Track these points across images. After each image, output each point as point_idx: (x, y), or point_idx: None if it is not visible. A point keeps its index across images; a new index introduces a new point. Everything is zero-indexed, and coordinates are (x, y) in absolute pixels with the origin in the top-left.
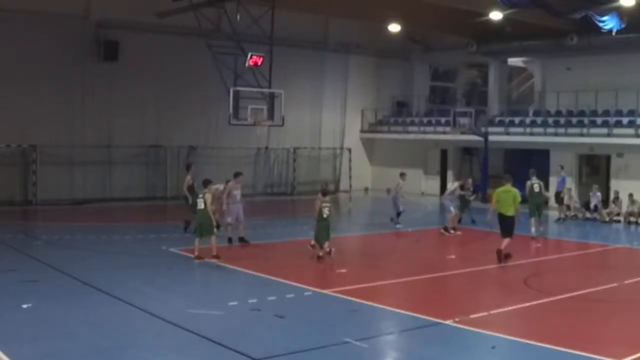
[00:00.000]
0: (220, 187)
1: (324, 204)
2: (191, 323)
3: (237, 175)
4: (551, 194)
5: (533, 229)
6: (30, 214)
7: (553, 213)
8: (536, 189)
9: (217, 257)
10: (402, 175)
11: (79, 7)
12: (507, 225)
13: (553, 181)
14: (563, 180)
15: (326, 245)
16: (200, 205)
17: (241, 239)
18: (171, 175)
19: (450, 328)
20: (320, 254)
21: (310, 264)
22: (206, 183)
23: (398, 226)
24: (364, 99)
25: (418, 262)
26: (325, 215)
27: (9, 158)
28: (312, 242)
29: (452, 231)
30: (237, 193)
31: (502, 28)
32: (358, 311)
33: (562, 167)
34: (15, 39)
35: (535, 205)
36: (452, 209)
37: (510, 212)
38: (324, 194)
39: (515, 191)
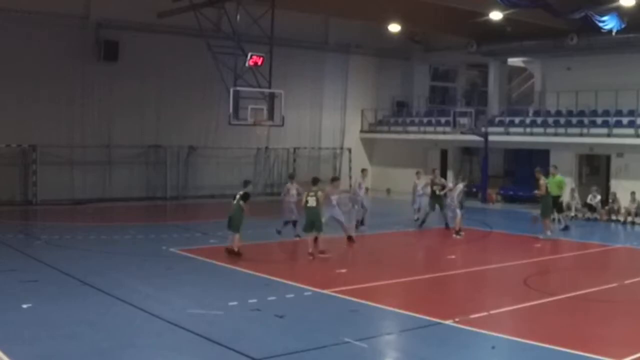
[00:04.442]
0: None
1: (309, 194)
2: (191, 323)
3: (334, 180)
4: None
5: (549, 232)
6: (30, 214)
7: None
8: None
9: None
10: (363, 171)
11: (79, 7)
12: (558, 203)
13: None
14: None
15: (309, 237)
16: (312, 203)
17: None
18: (171, 175)
19: (450, 328)
20: (310, 250)
21: (311, 264)
22: (315, 181)
23: (360, 229)
24: (364, 99)
25: (418, 262)
26: (310, 205)
27: (9, 158)
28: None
29: (459, 234)
30: (334, 197)
31: (502, 28)
32: (358, 311)
33: (555, 167)
34: (15, 39)
35: (549, 204)
36: (457, 211)
37: (558, 193)
38: (314, 183)
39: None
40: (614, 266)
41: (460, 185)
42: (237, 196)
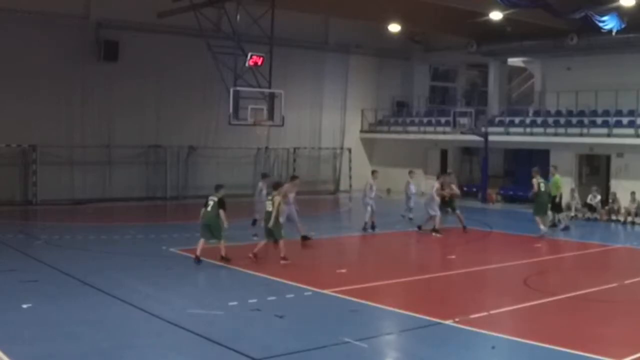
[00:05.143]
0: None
1: (268, 198)
2: (191, 323)
3: (293, 178)
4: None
5: (543, 227)
6: (30, 214)
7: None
8: (542, 187)
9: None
10: (373, 172)
11: (79, 7)
12: (557, 202)
13: None
14: None
15: (262, 243)
16: (269, 207)
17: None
18: (171, 175)
19: (450, 328)
20: (251, 254)
21: (310, 264)
22: (276, 186)
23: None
24: (364, 99)
25: (418, 262)
26: (267, 209)
27: (9, 158)
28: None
29: (435, 233)
30: (292, 195)
31: (502, 28)
32: (358, 311)
33: (555, 167)
34: (15, 39)
35: (543, 203)
36: (432, 210)
37: (555, 193)
38: (274, 187)
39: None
40: (614, 266)
41: (436, 184)
42: (212, 203)
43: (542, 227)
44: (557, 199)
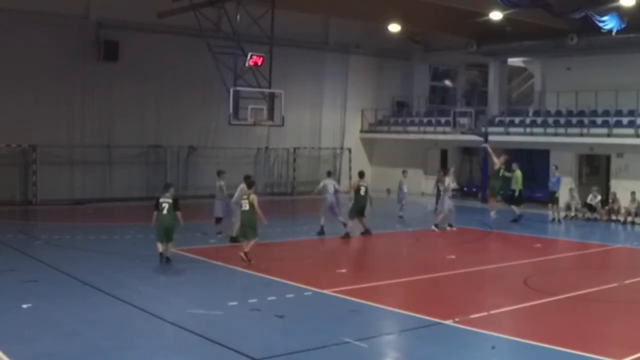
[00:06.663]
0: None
1: (243, 197)
2: (191, 323)
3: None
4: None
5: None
6: (30, 214)
7: (547, 213)
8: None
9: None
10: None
11: (79, 7)
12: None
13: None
14: (558, 181)
15: (245, 245)
16: (245, 206)
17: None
18: (171, 175)
19: (450, 328)
20: (241, 253)
21: (310, 264)
22: (250, 185)
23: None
24: (364, 99)
25: (418, 262)
26: (243, 209)
27: (9, 158)
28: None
29: (449, 227)
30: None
31: (502, 28)
32: (358, 311)
33: (556, 167)
34: (15, 39)
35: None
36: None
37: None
38: (249, 186)
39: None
40: (614, 266)
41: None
42: (167, 205)
43: (492, 213)
44: (517, 193)
